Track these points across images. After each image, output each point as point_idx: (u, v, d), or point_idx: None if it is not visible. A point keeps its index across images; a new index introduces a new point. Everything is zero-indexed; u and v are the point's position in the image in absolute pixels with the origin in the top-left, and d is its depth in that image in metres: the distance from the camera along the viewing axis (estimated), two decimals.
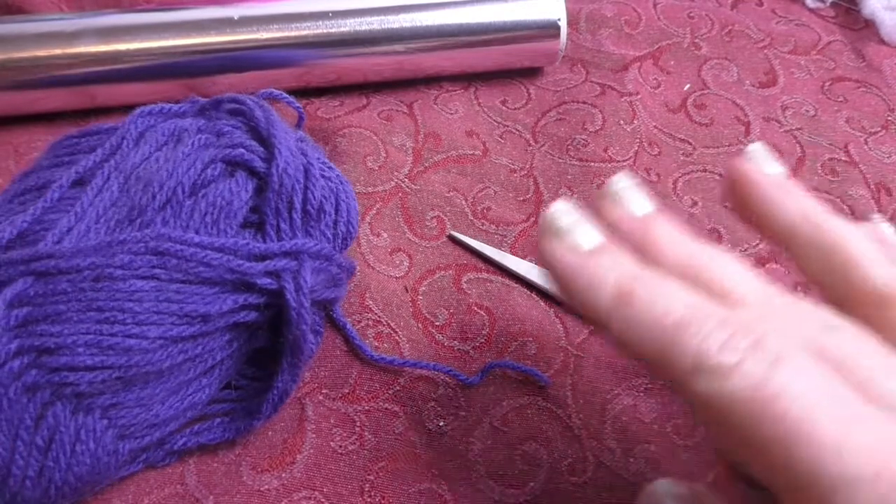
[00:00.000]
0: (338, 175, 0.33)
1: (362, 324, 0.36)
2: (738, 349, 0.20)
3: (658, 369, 0.22)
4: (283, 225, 0.31)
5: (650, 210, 0.26)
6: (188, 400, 0.30)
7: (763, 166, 0.27)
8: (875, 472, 0.19)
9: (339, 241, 0.33)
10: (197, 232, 0.29)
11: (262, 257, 0.30)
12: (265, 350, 0.32)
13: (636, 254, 0.24)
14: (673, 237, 0.25)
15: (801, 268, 0.26)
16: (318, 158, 0.33)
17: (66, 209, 0.30)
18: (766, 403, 0.20)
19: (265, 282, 0.29)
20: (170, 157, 0.30)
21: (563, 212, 0.25)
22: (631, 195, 0.26)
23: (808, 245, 0.25)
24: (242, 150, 0.31)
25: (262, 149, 0.31)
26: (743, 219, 0.27)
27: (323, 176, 0.32)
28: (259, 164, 0.31)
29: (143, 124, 0.32)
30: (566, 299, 0.25)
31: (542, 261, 0.25)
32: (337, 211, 0.32)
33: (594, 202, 0.26)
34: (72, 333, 0.26)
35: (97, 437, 0.27)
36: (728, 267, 0.24)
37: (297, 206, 0.31)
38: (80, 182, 0.31)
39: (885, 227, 0.27)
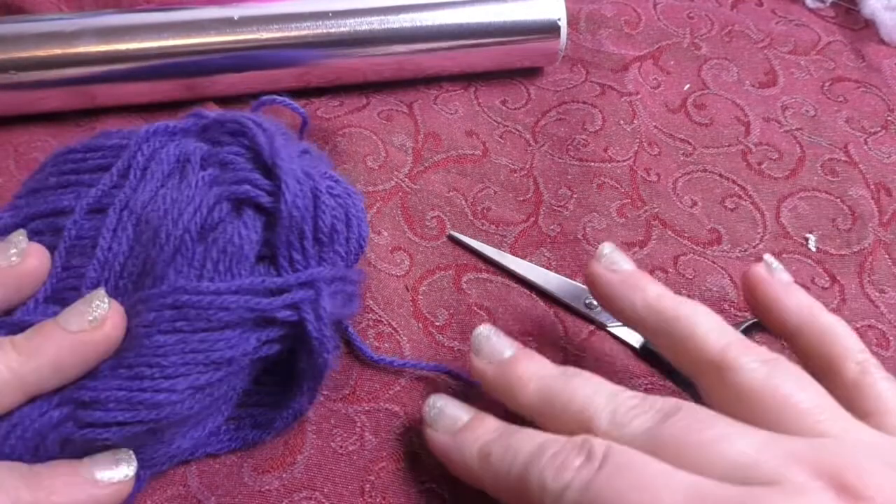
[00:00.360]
0: (345, 189, 0.33)
1: (363, 324, 0.36)
2: (571, 467, 0.24)
3: None
4: (296, 256, 0.30)
5: (510, 353, 0.30)
6: (207, 428, 0.30)
7: (614, 265, 0.31)
8: None
9: (352, 257, 0.33)
10: (211, 278, 0.29)
11: (280, 291, 0.29)
12: (277, 360, 0.32)
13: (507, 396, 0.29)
14: (530, 375, 0.29)
15: (660, 351, 0.30)
16: (325, 174, 0.33)
17: (87, 252, 0.30)
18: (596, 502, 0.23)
19: (285, 314, 0.29)
20: (176, 198, 0.30)
21: (431, 404, 0.30)
22: (490, 343, 0.30)
23: (655, 330, 0.29)
24: (248, 187, 0.30)
25: (267, 181, 0.31)
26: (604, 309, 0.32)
27: (331, 194, 0.32)
28: (266, 200, 0.30)
29: (149, 149, 0.32)
30: (458, 476, 0.29)
31: (430, 448, 0.30)
32: (348, 228, 0.32)
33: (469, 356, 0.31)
34: (105, 389, 0.27)
35: None
36: (579, 389, 0.27)
37: (309, 235, 0.30)
38: (92, 211, 0.31)
39: (771, 261, 0.31)
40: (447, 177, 0.42)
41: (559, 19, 0.44)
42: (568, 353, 0.36)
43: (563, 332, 0.36)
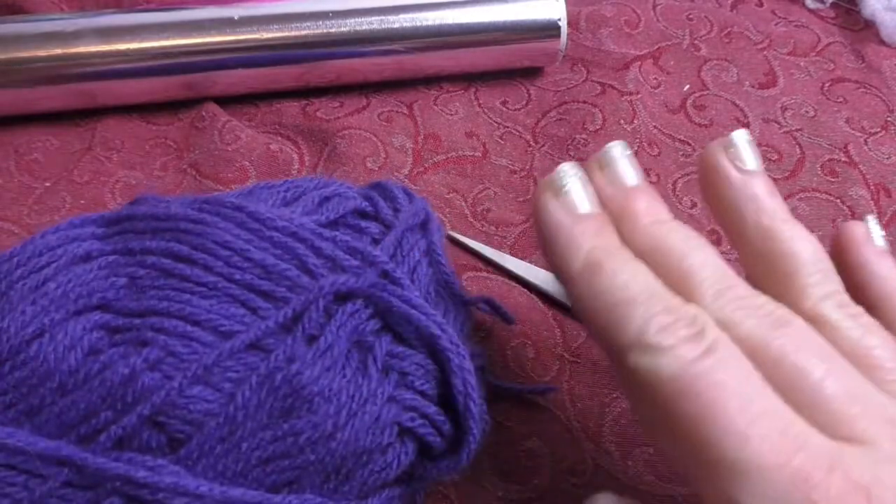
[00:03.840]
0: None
1: None
2: (676, 335, 0.22)
3: (602, 339, 0.24)
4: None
5: (635, 182, 0.26)
6: None
7: (739, 161, 0.27)
8: (776, 464, 0.20)
9: None
10: (345, 493, 0.25)
11: None
12: None
13: (616, 225, 0.26)
14: (649, 214, 0.26)
15: (743, 264, 0.27)
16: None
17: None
18: (687, 384, 0.21)
19: None
20: (350, 401, 0.25)
21: (569, 174, 0.26)
22: (620, 165, 0.27)
23: (755, 250, 0.26)
24: (424, 423, 0.26)
25: (443, 417, 0.27)
26: (711, 210, 0.28)
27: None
28: (437, 442, 0.27)
29: (323, 304, 0.25)
30: (545, 254, 0.26)
31: (535, 212, 0.26)
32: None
33: (585, 165, 0.27)
34: None
35: None
36: (693, 253, 0.25)
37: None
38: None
39: (873, 225, 0.28)
40: (447, 178, 0.42)
41: (559, 19, 0.44)
42: (564, 358, 0.36)
43: (561, 336, 0.36)
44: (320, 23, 0.42)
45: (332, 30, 0.42)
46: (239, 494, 0.23)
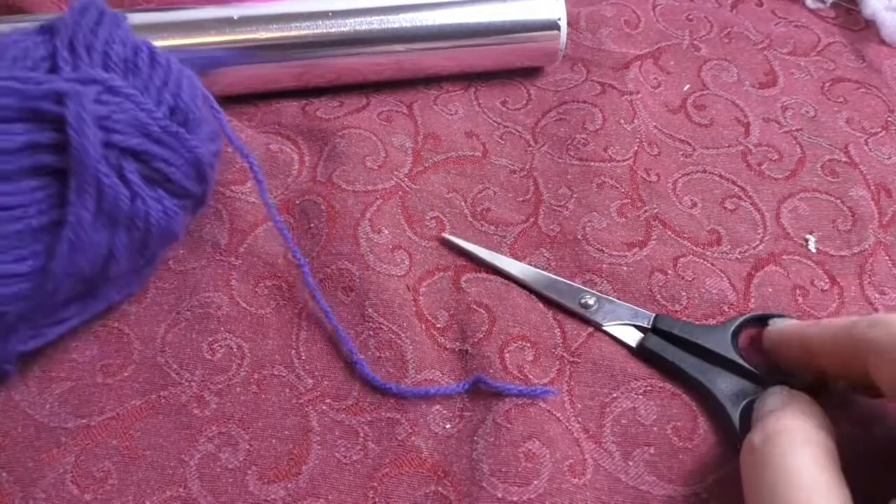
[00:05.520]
0: (174, 59, 0.34)
1: (363, 336, 0.36)
2: None
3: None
4: (80, 63, 0.31)
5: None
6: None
7: None
8: None
9: (166, 108, 0.33)
10: None
11: (49, 83, 0.30)
12: None
13: None
14: None
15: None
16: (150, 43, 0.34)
17: None
18: None
19: (49, 106, 0.29)
20: None
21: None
22: None
23: None
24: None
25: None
26: None
27: (148, 48, 0.33)
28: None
29: None
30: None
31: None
32: (152, 66, 0.33)
33: None
34: None
35: None
36: None
37: (96, 48, 0.31)
38: None
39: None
40: (447, 178, 0.42)
41: (559, 19, 0.44)
42: (564, 359, 0.36)
43: (562, 336, 0.36)
44: (320, 23, 0.42)
45: (332, 30, 0.42)
46: None
